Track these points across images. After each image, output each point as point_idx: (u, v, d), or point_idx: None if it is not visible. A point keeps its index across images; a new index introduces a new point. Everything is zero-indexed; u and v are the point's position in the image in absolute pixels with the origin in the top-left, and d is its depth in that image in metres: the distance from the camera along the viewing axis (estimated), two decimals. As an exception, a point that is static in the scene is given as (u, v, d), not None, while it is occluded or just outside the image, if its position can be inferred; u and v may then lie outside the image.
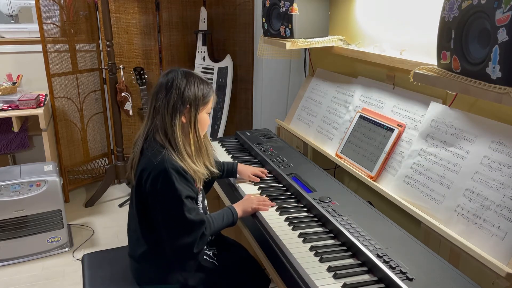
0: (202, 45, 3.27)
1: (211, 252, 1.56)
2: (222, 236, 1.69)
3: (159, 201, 1.33)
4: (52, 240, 2.52)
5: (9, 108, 2.72)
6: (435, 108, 1.52)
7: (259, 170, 1.80)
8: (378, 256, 1.17)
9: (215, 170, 1.52)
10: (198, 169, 1.41)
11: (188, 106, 1.38)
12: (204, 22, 3.24)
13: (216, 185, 2.02)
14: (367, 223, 1.36)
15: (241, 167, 1.78)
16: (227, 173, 1.78)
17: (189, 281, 1.44)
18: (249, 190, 1.69)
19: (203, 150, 1.45)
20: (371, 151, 1.71)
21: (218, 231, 1.52)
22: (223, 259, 1.55)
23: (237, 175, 1.78)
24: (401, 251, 1.21)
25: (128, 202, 3.13)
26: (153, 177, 1.31)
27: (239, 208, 1.53)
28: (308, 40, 2.00)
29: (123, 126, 3.25)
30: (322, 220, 1.42)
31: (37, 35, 2.95)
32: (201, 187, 1.51)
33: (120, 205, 3.14)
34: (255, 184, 1.73)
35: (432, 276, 1.10)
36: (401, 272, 1.10)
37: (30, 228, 2.43)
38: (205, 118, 1.45)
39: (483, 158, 1.30)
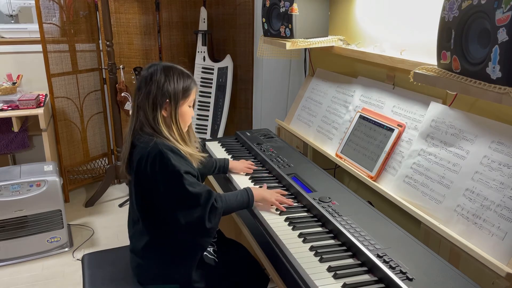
0: (202, 45, 3.27)
1: (211, 248, 1.56)
2: (222, 235, 1.70)
3: (160, 182, 1.34)
4: (52, 240, 2.52)
5: (9, 108, 2.72)
6: (435, 108, 1.52)
7: (248, 163, 1.86)
8: (378, 256, 1.17)
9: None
10: (192, 152, 1.44)
11: (167, 100, 1.40)
12: (204, 22, 3.24)
13: (212, 179, 2.03)
14: (367, 223, 1.36)
15: (233, 163, 1.84)
16: (218, 169, 1.82)
17: (190, 277, 1.44)
18: (243, 182, 1.74)
19: (186, 141, 1.47)
20: (371, 151, 1.71)
21: (232, 209, 1.50)
22: (223, 258, 1.55)
23: (229, 171, 1.84)
24: (401, 251, 1.21)
25: (128, 202, 3.15)
26: (151, 161, 1.33)
27: (257, 191, 1.53)
28: (308, 40, 2.00)
29: (123, 126, 3.25)
30: (322, 220, 1.42)
31: (37, 35, 2.95)
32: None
33: (120, 205, 3.14)
34: (256, 183, 1.73)
35: (432, 276, 1.10)
36: (401, 272, 1.10)
37: (30, 228, 2.43)
38: (186, 111, 1.46)
39: (483, 158, 1.30)
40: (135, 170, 1.39)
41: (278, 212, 1.50)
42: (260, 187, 1.66)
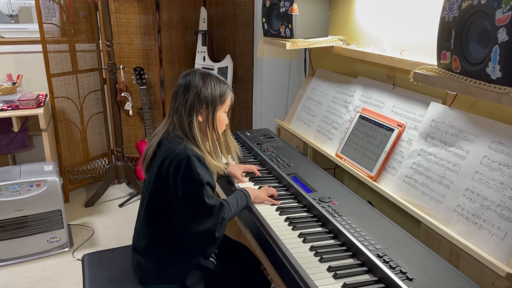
0: (202, 45, 3.27)
1: None
2: (226, 237, 1.69)
3: (180, 187, 1.35)
4: (52, 240, 2.52)
5: (9, 108, 2.72)
6: (435, 108, 1.52)
7: (249, 167, 1.82)
8: (378, 256, 1.17)
9: (237, 161, 1.61)
10: (218, 165, 1.46)
11: (204, 105, 1.43)
12: (204, 22, 3.24)
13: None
14: (367, 223, 1.36)
15: (231, 168, 1.79)
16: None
17: (189, 277, 1.44)
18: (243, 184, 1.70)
19: (222, 148, 1.52)
20: (371, 151, 1.71)
21: (236, 215, 1.55)
22: (224, 259, 1.55)
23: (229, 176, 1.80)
24: (401, 251, 1.21)
25: (128, 202, 3.16)
26: (176, 164, 1.34)
27: (252, 191, 1.57)
28: (308, 40, 2.00)
29: (123, 126, 3.25)
30: (322, 220, 1.42)
31: (37, 35, 2.95)
32: (216, 180, 1.54)
33: (120, 205, 3.13)
34: (256, 183, 1.73)
35: (432, 276, 1.10)
36: (401, 272, 1.10)
37: (30, 228, 2.43)
38: (222, 117, 1.51)
39: (483, 158, 1.30)
40: (157, 169, 1.40)
41: (278, 212, 1.50)
42: (260, 187, 1.66)
